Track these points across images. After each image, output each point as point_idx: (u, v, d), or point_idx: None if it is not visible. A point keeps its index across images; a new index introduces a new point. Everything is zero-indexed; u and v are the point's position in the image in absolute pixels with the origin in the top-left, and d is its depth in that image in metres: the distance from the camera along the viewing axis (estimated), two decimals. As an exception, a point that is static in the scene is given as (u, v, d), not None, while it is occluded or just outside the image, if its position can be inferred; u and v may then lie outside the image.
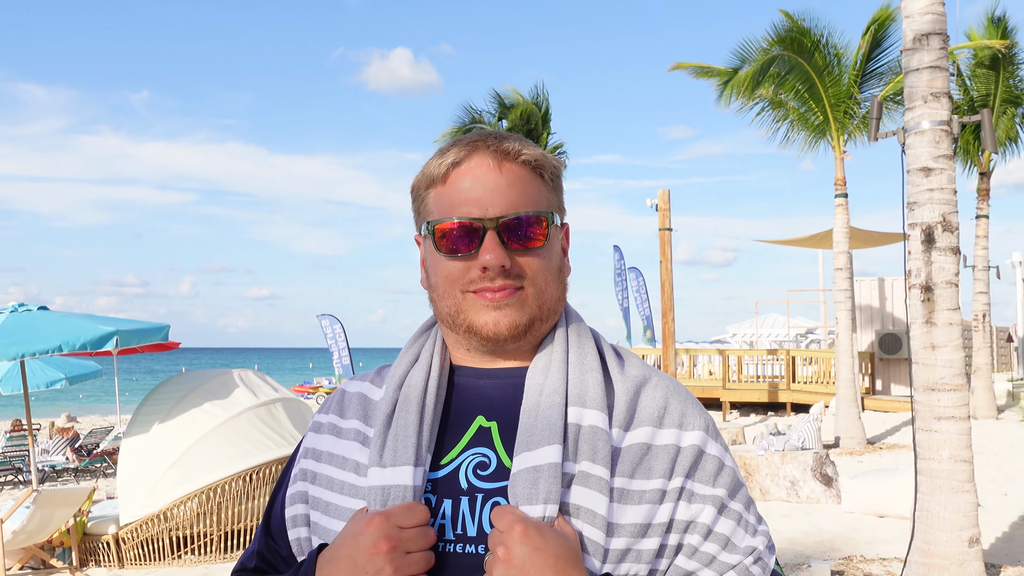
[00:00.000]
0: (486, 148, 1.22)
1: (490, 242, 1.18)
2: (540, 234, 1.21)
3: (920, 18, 5.90)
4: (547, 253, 1.23)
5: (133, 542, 8.01)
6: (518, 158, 1.22)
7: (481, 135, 1.25)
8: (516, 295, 1.20)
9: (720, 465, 1.22)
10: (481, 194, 1.20)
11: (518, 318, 1.20)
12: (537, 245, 1.21)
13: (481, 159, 1.21)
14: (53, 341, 7.95)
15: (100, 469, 15.24)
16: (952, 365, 5.80)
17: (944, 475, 5.77)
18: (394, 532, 1.09)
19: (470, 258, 1.20)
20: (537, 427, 1.15)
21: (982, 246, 17.45)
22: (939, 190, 5.85)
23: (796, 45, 14.18)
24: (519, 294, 1.20)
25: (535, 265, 1.21)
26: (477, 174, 1.21)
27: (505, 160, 1.21)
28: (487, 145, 1.22)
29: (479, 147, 1.22)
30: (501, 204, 1.19)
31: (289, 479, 1.33)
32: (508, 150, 1.22)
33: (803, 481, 10.15)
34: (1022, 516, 8.88)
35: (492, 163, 1.21)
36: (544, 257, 1.22)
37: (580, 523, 1.12)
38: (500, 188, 1.20)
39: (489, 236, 1.18)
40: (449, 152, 1.23)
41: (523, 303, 1.20)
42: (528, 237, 1.20)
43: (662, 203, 17.03)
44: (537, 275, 1.21)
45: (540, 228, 1.21)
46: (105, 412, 30.18)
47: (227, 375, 9.05)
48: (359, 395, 1.31)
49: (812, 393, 20.12)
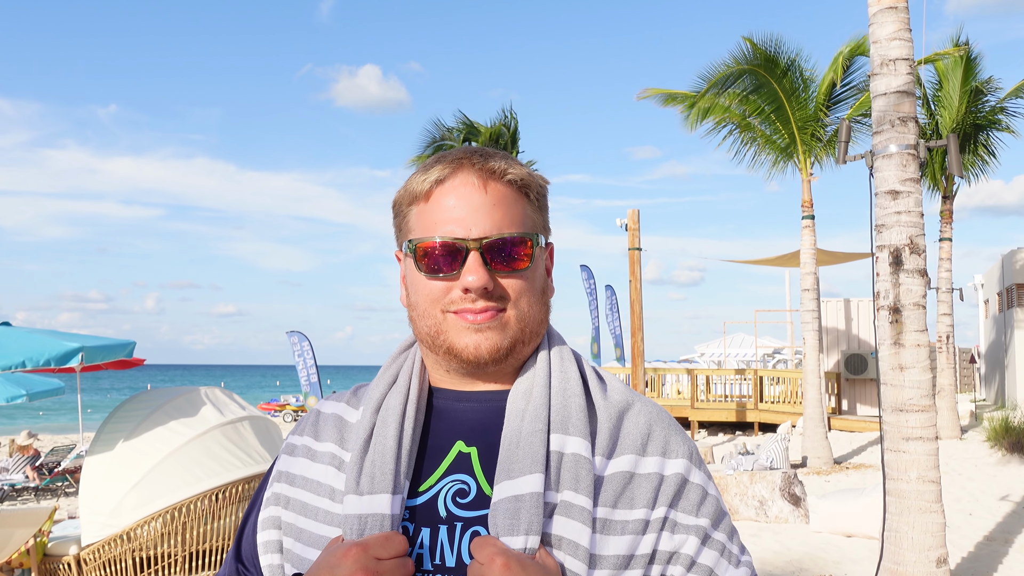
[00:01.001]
0: (471, 166, 1.18)
1: (473, 263, 1.15)
2: (524, 256, 1.18)
3: (887, 44, 6.00)
4: (531, 275, 1.20)
5: (95, 563, 7.85)
6: (503, 177, 1.18)
7: (466, 152, 1.21)
8: (498, 318, 1.17)
9: (704, 494, 1.20)
10: (465, 214, 1.16)
11: (499, 341, 1.17)
12: (521, 267, 1.18)
13: (466, 177, 1.17)
14: (16, 357, 7.80)
15: (61, 488, 14.94)
16: (920, 386, 5.86)
17: (912, 495, 5.82)
18: (372, 564, 1.05)
19: (452, 278, 1.17)
20: (519, 455, 1.12)
21: (945, 268, 17.70)
22: (906, 213, 5.93)
23: (765, 67, 14.35)
24: (501, 316, 1.17)
25: (518, 287, 1.18)
26: (461, 193, 1.17)
27: (491, 179, 1.18)
28: (472, 163, 1.18)
29: (464, 165, 1.18)
30: (485, 224, 1.16)
31: (261, 502, 1.29)
32: (494, 169, 1.18)
33: (772, 501, 10.19)
34: (987, 536, 8.97)
35: (477, 182, 1.17)
36: (528, 279, 1.19)
37: (562, 555, 1.09)
38: (485, 208, 1.16)
39: (472, 257, 1.15)
40: (433, 169, 1.19)
41: (505, 326, 1.17)
42: (512, 259, 1.17)
43: (631, 223, 17.13)
44: (520, 297, 1.18)
45: (524, 249, 1.18)
46: (67, 430, 29.67)
47: (194, 393, 8.92)
48: (335, 417, 1.27)
49: (779, 413, 20.26)
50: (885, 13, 6.03)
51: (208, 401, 8.81)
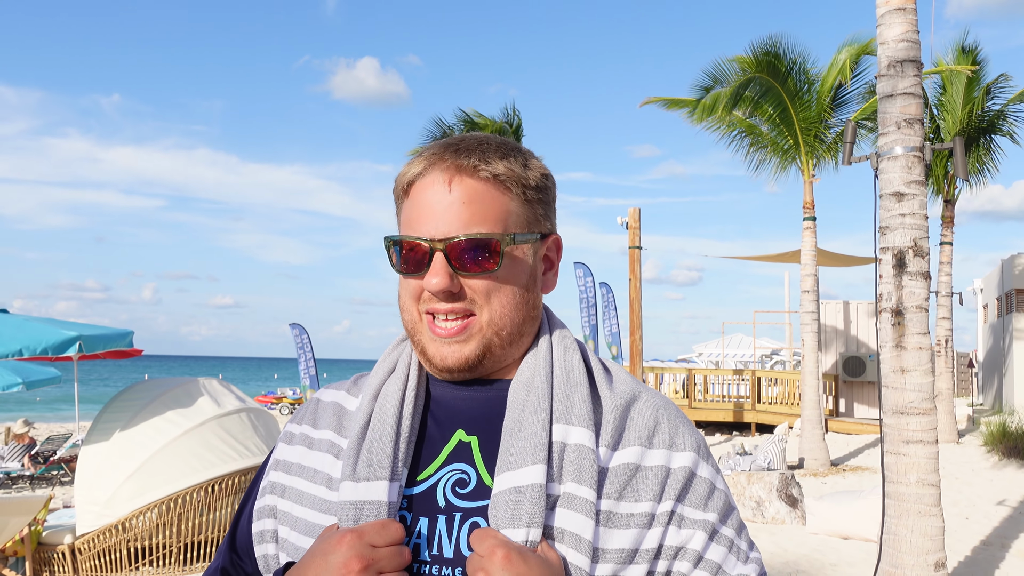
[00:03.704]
0: (442, 163, 1.14)
1: (436, 265, 1.12)
2: (492, 256, 1.13)
3: (895, 45, 5.97)
4: (504, 275, 1.15)
5: (89, 552, 7.83)
6: (475, 173, 1.13)
7: (444, 145, 1.17)
8: (467, 327, 1.14)
9: (711, 488, 1.16)
10: (431, 212, 1.13)
11: (467, 353, 1.14)
12: (489, 268, 1.13)
13: (436, 175, 1.14)
14: (13, 344, 7.78)
15: (57, 477, 14.93)
16: (921, 389, 5.84)
17: (912, 499, 5.80)
18: (367, 551, 1.03)
19: (420, 277, 1.15)
20: (520, 445, 1.10)
21: (946, 272, 17.69)
22: (911, 215, 5.90)
23: (769, 69, 14.31)
24: (471, 324, 1.14)
25: (486, 289, 1.14)
26: (432, 191, 1.14)
27: (460, 174, 1.13)
28: (443, 159, 1.14)
29: (435, 162, 1.15)
30: (449, 225, 1.12)
31: (257, 492, 1.27)
32: (462, 165, 1.13)
33: (768, 502, 10.18)
34: (983, 540, 8.96)
35: (443, 178, 1.13)
36: (499, 279, 1.15)
37: (564, 548, 1.07)
38: (451, 207, 1.12)
39: (436, 258, 1.12)
40: (413, 163, 1.17)
41: (474, 335, 1.14)
42: (476, 261, 1.13)
43: (632, 221, 17.11)
44: (491, 299, 1.14)
45: (492, 250, 1.13)
46: (63, 419, 29.65)
47: (191, 383, 8.90)
48: (334, 405, 1.25)
49: (777, 414, 20.26)
50: (893, 14, 6.00)
51: (205, 392, 8.79)
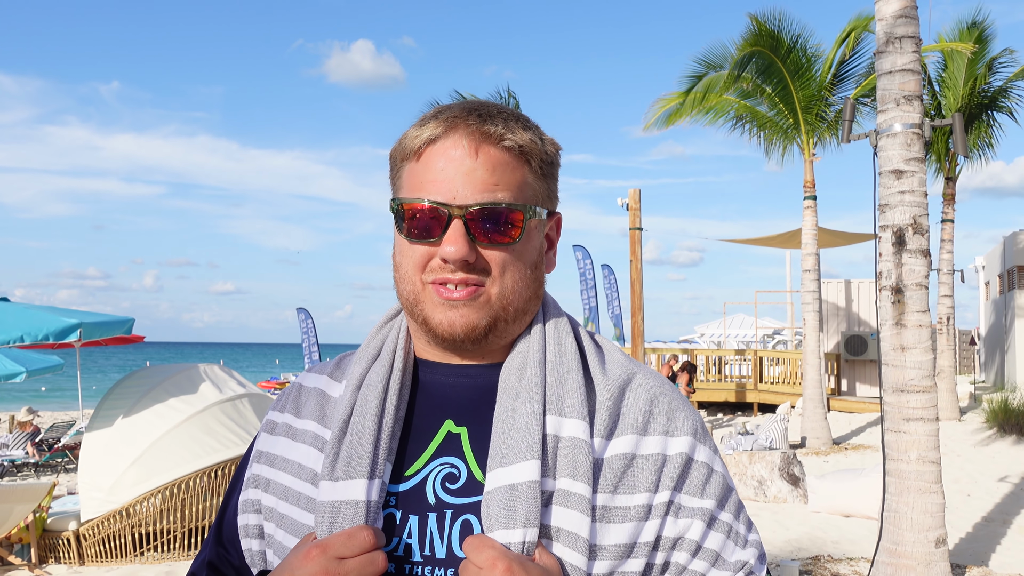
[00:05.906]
0: (466, 127, 1.09)
1: (454, 232, 1.06)
2: (514, 228, 1.09)
3: (893, 21, 5.93)
4: (520, 249, 1.11)
5: (94, 539, 7.87)
6: (500, 142, 1.09)
7: (465, 109, 1.11)
8: (477, 295, 1.09)
9: (709, 472, 1.13)
10: (452, 177, 1.07)
11: (476, 320, 1.09)
12: (507, 240, 1.09)
13: (458, 139, 1.08)
14: (15, 331, 7.79)
15: (61, 464, 14.97)
16: (921, 367, 5.84)
17: (912, 476, 5.81)
18: (332, 566, 0.98)
19: (433, 244, 1.09)
20: (513, 439, 1.05)
21: (947, 250, 17.65)
22: (910, 192, 5.88)
23: (770, 46, 14.23)
24: (480, 293, 1.09)
25: (503, 261, 1.09)
26: (452, 156, 1.08)
27: (485, 143, 1.08)
28: (467, 124, 1.09)
29: (458, 125, 1.09)
30: (471, 192, 1.07)
31: (241, 484, 1.22)
32: (489, 132, 1.08)
33: (770, 481, 10.20)
34: (985, 517, 8.99)
35: (468, 145, 1.08)
36: (515, 253, 1.11)
37: (560, 547, 1.03)
38: (475, 174, 1.07)
39: (454, 226, 1.07)
40: (427, 125, 1.11)
41: (484, 304, 1.09)
42: (499, 230, 1.08)
43: (633, 203, 17.07)
44: (504, 273, 1.10)
45: (514, 221, 1.09)
46: (67, 406, 29.71)
47: (193, 370, 8.91)
48: (316, 391, 1.20)
49: (779, 393, 20.28)
50: (892, -10, 5.95)
51: (207, 378, 8.80)
